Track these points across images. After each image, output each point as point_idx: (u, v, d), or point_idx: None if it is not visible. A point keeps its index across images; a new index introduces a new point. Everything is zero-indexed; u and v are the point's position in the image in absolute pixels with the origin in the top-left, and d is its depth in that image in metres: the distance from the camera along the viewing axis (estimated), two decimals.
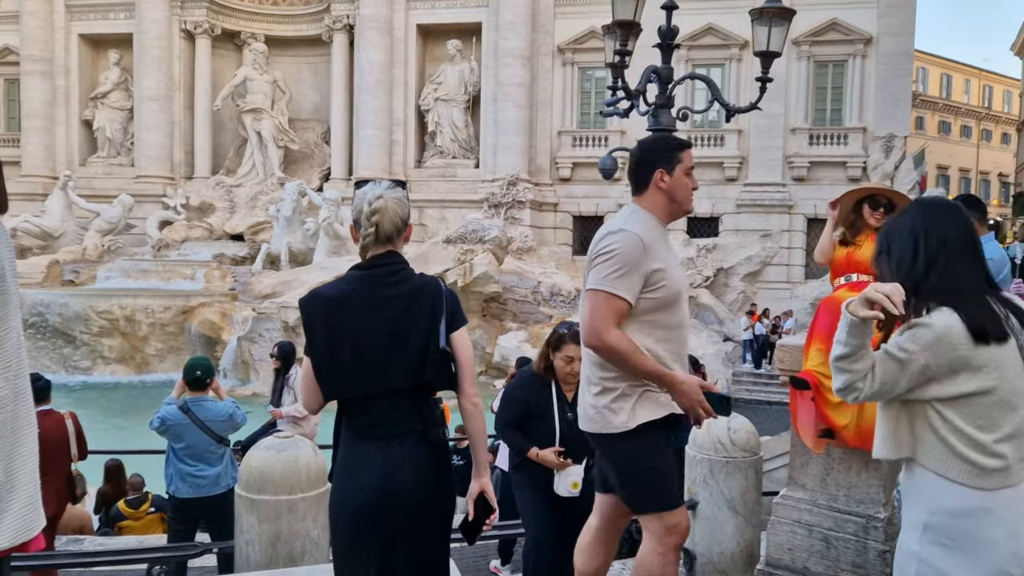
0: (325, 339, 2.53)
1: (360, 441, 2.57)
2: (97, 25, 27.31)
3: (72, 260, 21.98)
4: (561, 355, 4.00)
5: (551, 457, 3.90)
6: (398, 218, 2.59)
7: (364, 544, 2.54)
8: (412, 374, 2.53)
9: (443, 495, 2.63)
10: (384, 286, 2.55)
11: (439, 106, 25.13)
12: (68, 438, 5.44)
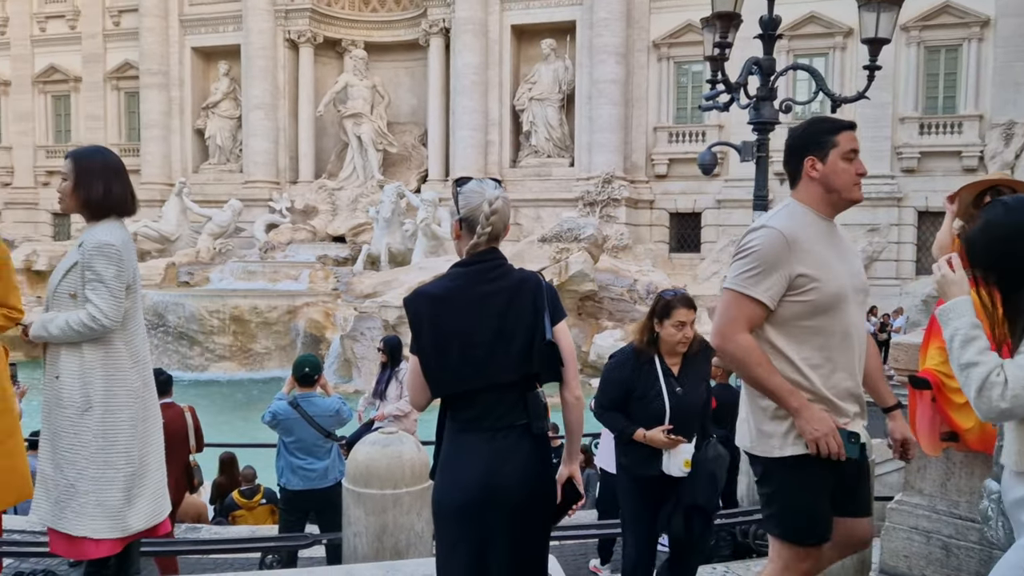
0: (432, 336, 2.58)
1: (464, 435, 2.61)
2: (208, 38, 28.65)
3: (187, 262, 23.11)
4: (672, 321, 3.73)
5: (660, 437, 3.66)
6: (507, 218, 2.67)
7: (468, 537, 2.58)
8: (517, 367, 2.56)
9: (546, 488, 2.66)
10: (486, 282, 2.59)
11: (533, 105, 25.20)
12: (187, 430, 5.74)
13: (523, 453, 2.58)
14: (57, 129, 31.98)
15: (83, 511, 2.99)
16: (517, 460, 2.57)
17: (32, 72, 31.42)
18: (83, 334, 3.00)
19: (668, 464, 3.72)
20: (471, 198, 2.63)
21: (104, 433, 3.05)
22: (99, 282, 3.02)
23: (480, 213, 2.60)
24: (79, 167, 3.11)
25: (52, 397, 3.04)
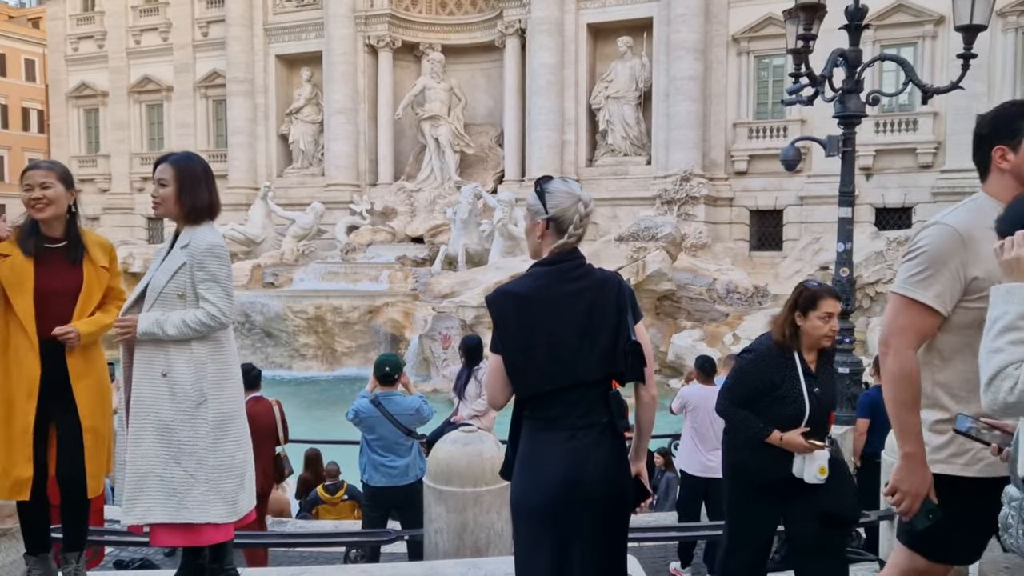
0: (519, 335, 2.59)
1: (545, 434, 2.62)
2: (291, 46, 29.48)
3: (272, 264, 23.81)
4: (818, 313, 3.48)
5: (800, 441, 3.40)
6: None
7: (551, 537, 2.58)
8: (602, 366, 2.58)
9: (627, 487, 2.67)
10: (569, 281, 2.61)
11: (610, 104, 25.05)
12: (275, 423, 5.93)
13: (604, 451, 2.59)
14: (151, 137, 33.41)
15: (205, 499, 3.14)
16: (599, 458, 2.58)
17: (128, 83, 32.91)
18: (200, 332, 3.14)
19: (803, 469, 3.46)
20: (562, 199, 2.64)
21: (218, 424, 3.20)
22: (213, 282, 3.17)
23: (574, 214, 2.62)
24: (183, 173, 3.24)
25: (161, 394, 3.16)
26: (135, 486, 3.16)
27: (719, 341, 16.92)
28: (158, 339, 3.14)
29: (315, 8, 28.67)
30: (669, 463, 8.82)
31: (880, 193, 22.39)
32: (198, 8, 31.51)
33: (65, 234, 3.35)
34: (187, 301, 3.18)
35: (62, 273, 3.30)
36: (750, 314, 18.03)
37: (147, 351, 3.19)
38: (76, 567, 3.41)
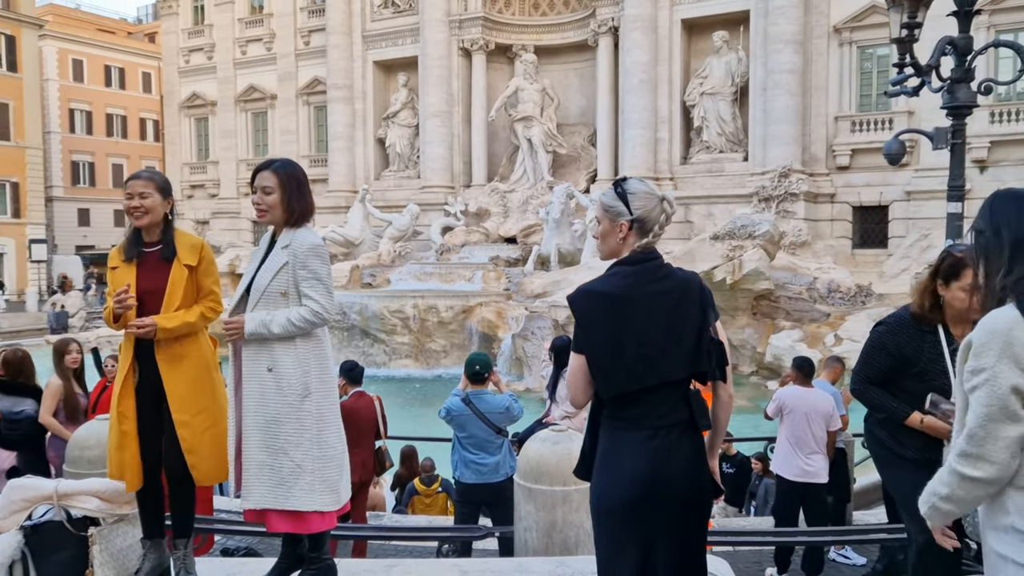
0: (606, 335, 2.61)
1: (625, 433, 2.62)
2: (388, 52, 30.19)
3: (369, 265, 24.46)
4: (960, 284, 3.12)
5: (942, 425, 3.02)
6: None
7: (630, 536, 2.59)
8: (685, 365, 2.61)
9: (707, 485, 2.68)
10: (655, 280, 2.63)
11: (705, 100, 24.59)
12: (377, 417, 6.13)
13: (686, 450, 2.61)
14: (256, 143, 34.84)
15: (311, 488, 3.28)
16: (680, 457, 2.59)
17: (234, 92, 34.43)
18: (304, 328, 3.30)
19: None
20: (645, 200, 2.67)
21: (322, 416, 3.35)
22: (317, 280, 3.32)
23: (660, 214, 2.66)
24: (287, 180, 3.40)
25: (267, 388, 3.32)
26: (250, 475, 3.34)
27: (820, 342, 16.39)
28: (264, 338, 3.30)
29: (411, 14, 29.28)
30: (767, 468, 8.62)
31: (996, 187, 21.10)
32: (300, 18, 32.67)
33: (161, 238, 3.57)
34: (289, 299, 3.33)
35: (155, 272, 3.51)
36: (853, 314, 17.37)
37: (254, 349, 3.35)
38: (184, 552, 3.62)
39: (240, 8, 34.41)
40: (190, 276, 3.53)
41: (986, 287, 2.01)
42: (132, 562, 3.68)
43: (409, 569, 3.80)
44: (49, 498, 3.59)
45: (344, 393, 6.10)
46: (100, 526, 3.60)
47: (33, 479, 3.82)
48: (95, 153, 51.29)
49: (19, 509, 3.61)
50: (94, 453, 4.88)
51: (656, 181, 24.50)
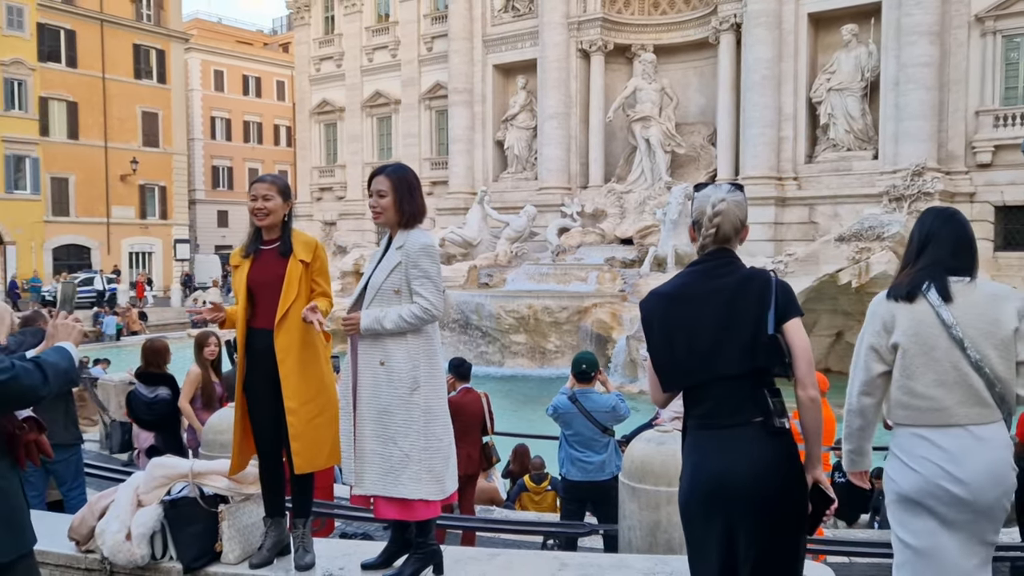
0: (660, 332, 2.71)
1: (699, 432, 2.68)
2: (508, 55, 30.61)
3: (487, 265, 24.87)
4: None
5: None
6: (737, 220, 2.75)
7: (706, 536, 2.61)
8: (742, 360, 2.59)
9: (789, 487, 2.59)
10: (713, 278, 2.68)
11: (832, 96, 23.62)
12: (484, 412, 6.31)
13: (757, 449, 2.56)
14: (380, 147, 36.06)
15: (418, 478, 3.47)
16: (750, 455, 2.56)
17: (361, 98, 35.77)
18: (414, 325, 3.50)
19: None
20: (699, 203, 2.75)
21: (430, 409, 3.53)
22: (426, 278, 3.52)
23: (702, 215, 2.73)
24: (399, 183, 3.61)
25: (379, 381, 3.54)
26: (362, 463, 3.56)
27: None
28: (378, 333, 3.51)
29: (530, 17, 29.58)
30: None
31: None
32: (423, 25, 33.60)
33: (279, 236, 3.84)
34: (401, 296, 3.54)
35: (270, 267, 3.76)
36: None
37: (368, 343, 3.57)
38: (303, 532, 3.87)
39: (367, 17, 35.72)
40: (304, 271, 3.76)
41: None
42: (256, 538, 3.97)
43: (511, 559, 3.92)
44: (185, 476, 3.93)
45: (452, 389, 6.31)
46: (229, 504, 3.91)
47: (172, 459, 4.19)
48: (233, 158, 54.51)
49: (159, 485, 3.97)
50: (226, 437, 5.26)
51: (779, 181, 23.78)
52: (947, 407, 2.74)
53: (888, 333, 2.84)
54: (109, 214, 40.99)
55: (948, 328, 2.77)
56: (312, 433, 3.72)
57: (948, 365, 2.75)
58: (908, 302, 2.83)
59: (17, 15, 36.17)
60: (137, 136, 42.22)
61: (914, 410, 2.79)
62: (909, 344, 2.80)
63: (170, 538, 3.89)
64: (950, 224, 3.04)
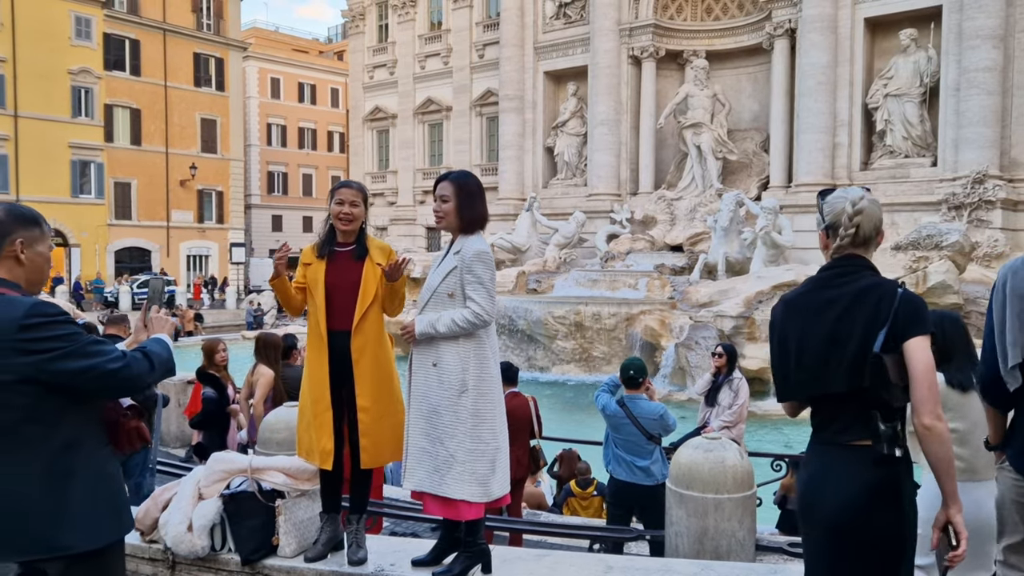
0: (777, 341, 2.66)
1: (813, 444, 2.60)
2: (559, 62, 30.70)
3: (535, 271, 24.94)
4: None
5: None
6: (877, 220, 2.59)
7: (813, 552, 2.57)
8: (847, 378, 2.43)
9: (880, 523, 2.39)
10: (832, 287, 2.55)
11: (889, 102, 23.17)
12: (531, 416, 6.37)
13: (855, 475, 2.40)
14: (431, 154, 36.46)
15: (461, 478, 3.54)
16: (842, 482, 2.41)
17: (413, 105, 36.22)
18: (465, 329, 3.59)
19: None
20: (834, 203, 2.62)
21: (477, 412, 3.60)
22: (479, 284, 3.60)
23: (841, 213, 2.57)
24: (462, 189, 3.71)
25: (431, 382, 3.64)
26: (413, 459, 3.67)
27: None
28: (432, 337, 3.61)
29: (582, 24, 29.63)
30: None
31: None
32: (475, 33, 33.91)
33: (355, 240, 3.95)
34: (455, 300, 3.63)
35: (347, 270, 3.87)
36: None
37: (423, 345, 3.69)
38: (356, 528, 3.98)
39: (420, 25, 36.17)
40: (381, 275, 3.88)
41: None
42: (311, 533, 4.09)
43: (558, 560, 3.97)
44: (244, 471, 4.08)
45: None
46: (285, 499, 4.04)
47: (231, 454, 4.34)
48: (288, 164, 55.58)
49: (219, 479, 4.12)
50: (282, 436, 5.43)
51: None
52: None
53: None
54: (169, 218, 42.17)
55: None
56: (380, 431, 3.84)
57: None
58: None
59: (85, 25, 37.51)
60: (196, 142, 43.37)
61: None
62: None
63: (229, 531, 4.04)
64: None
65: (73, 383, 2.39)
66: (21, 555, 2.42)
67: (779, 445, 12.68)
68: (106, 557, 2.52)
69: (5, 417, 2.36)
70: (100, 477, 2.51)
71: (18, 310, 2.35)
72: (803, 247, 22.05)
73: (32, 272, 2.54)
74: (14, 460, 2.39)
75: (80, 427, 2.47)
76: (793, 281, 18.19)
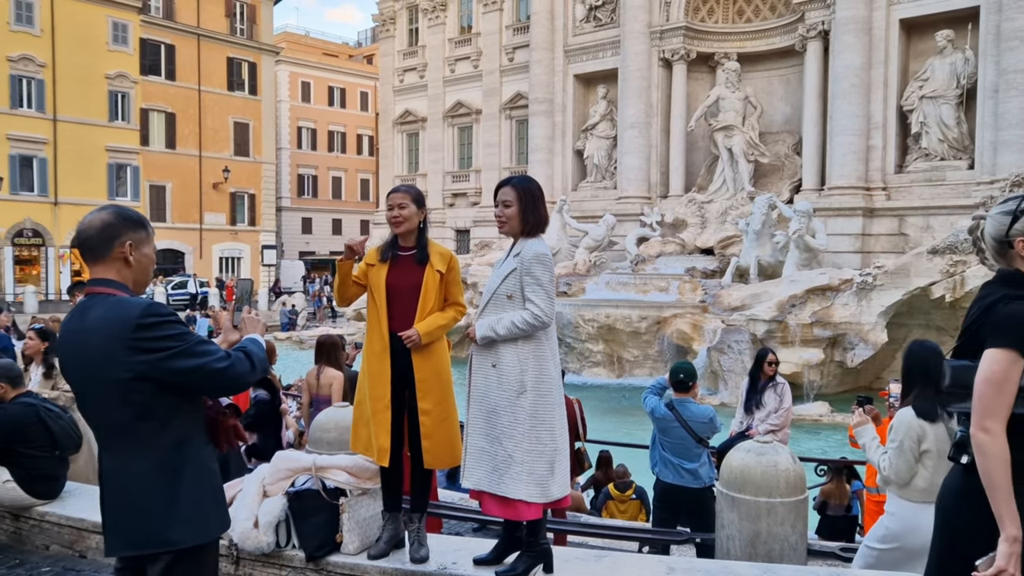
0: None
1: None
2: (589, 65, 30.71)
3: (565, 274, 24.96)
4: None
5: None
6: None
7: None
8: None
9: (967, 535, 2.38)
10: (980, 297, 2.50)
11: (924, 104, 22.92)
12: (576, 418, 6.42)
13: (948, 480, 2.53)
14: (460, 156, 36.60)
15: (519, 478, 3.59)
16: (945, 498, 2.51)
17: (443, 108, 36.40)
18: (525, 331, 3.63)
19: None
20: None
21: (535, 413, 3.64)
22: (538, 286, 3.65)
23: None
24: (524, 194, 3.77)
25: (490, 382, 3.70)
26: (472, 459, 3.73)
27: None
28: (493, 340, 3.67)
29: (612, 27, 29.63)
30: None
31: None
32: (505, 36, 34.01)
33: (415, 243, 4.02)
34: (514, 301, 3.69)
35: (408, 274, 3.94)
36: None
37: (483, 346, 3.75)
38: (418, 527, 4.06)
39: (451, 29, 36.35)
40: (440, 280, 3.96)
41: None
42: (373, 531, 4.18)
43: (617, 561, 4.02)
44: (308, 469, 4.17)
45: None
46: (348, 497, 4.13)
47: (296, 452, 4.45)
48: (318, 167, 56.09)
49: (284, 477, 4.22)
50: (332, 436, 5.50)
51: (867, 191, 23.19)
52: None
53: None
54: (202, 220, 42.75)
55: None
56: (440, 433, 3.91)
57: None
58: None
59: (122, 31, 38.15)
60: (229, 145, 43.93)
61: None
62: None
63: (294, 527, 4.14)
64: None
65: (183, 381, 2.48)
66: (133, 548, 2.52)
67: (816, 449, 12.63)
68: (207, 553, 2.61)
69: (121, 414, 2.46)
70: (205, 474, 2.60)
71: (134, 310, 2.43)
72: (836, 250, 21.89)
73: (139, 273, 2.64)
74: (129, 456, 2.48)
75: (187, 425, 2.56)
76: (827, 285, 18.08)
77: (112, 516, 2.54)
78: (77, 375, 2.54)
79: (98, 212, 2.61)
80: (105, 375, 2.43)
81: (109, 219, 2.58)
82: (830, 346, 17.57)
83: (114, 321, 2.42)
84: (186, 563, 2.51)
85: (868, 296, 17.45)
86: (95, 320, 2.46)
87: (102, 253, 2.55)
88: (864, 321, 17.27)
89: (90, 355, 2.45)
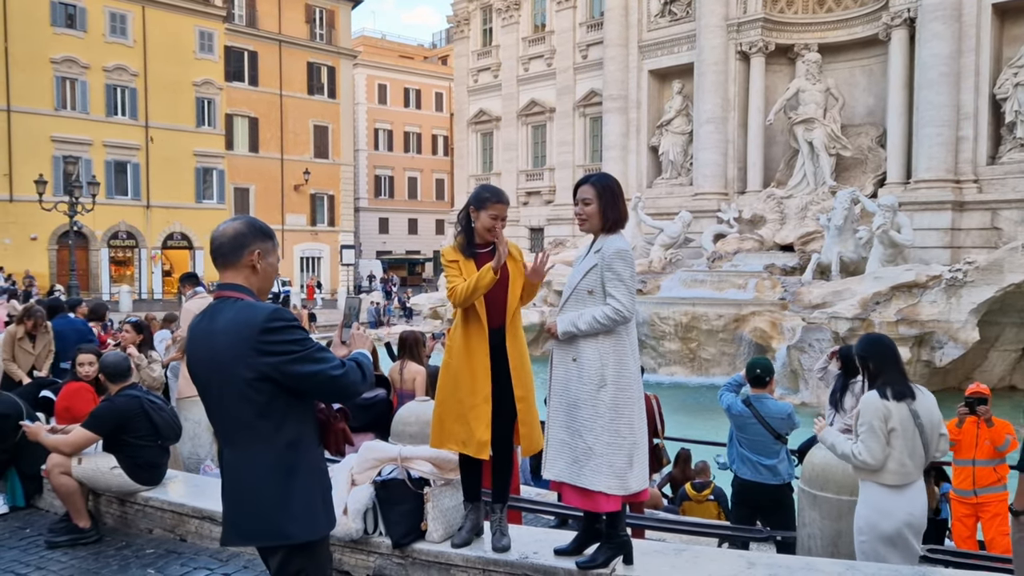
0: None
1: None
2: (663, 60, 30.40)
3: (641, 272, 24.78)
4: None
5: None
6: None
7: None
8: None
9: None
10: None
11: (1019, 92, 21.91)
12: (654, 414, 6.43)
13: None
14: (534, 155, 36.71)
15: (598, 470, 3.66)
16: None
17: (517, 107, 36.57)
18: (606, 325, 3.71)
19: None
20: None
21: (615, 407, 3.71)
22: (619, 281, 3.72)
23: None
24: (604, 192, 3.84)
25: (571, 376, 3.78)
26: (553, 450, 3.81)
27: None
28: (579, 335, 3.74)
29: (687, 21, 29.26)
30: None
31: None
32: (579, 33, 33.96)
33: (488, 241, 4.10)
34: (595, 297, 3.76)
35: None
36: None
37: (563, 341, 3.82)
38: (500, 516, 4.16)
39: (524, 28, 36.50)
40: (523, 273, 4.07)
41: None
42: (456, 520, 4.31)
43: (697, 555, 4.04)
44: (395, 460, 4.33)
45: None
46: (432, 487, 4.27)
47: (381, 443, 4.62)
48: (394, 168, 57.11)
49: (371, 467, 4.39)
50: (413, 429, 5.69)
51: (956, 184, 22.32)
52: None
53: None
54: (283, 221, 44.04)
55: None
56: (533, 419, 4.03)
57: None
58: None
59: (208, 39, 39.64)
60: (309, 148, 45.15)
61: None
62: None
63: (380, 515, 4.30)
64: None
65: (301, 385, 2.62)
66: (252, 540, 2.71)
67: None
68: (319, 548, 2.75)
69: (245, 411, 2.62)
70: (316, 473, 2.74)
71: (260, 314, 2.59)
72: (923, 246, 21.14)
73: (264, 280, 2.79)
74: (250, 452, 2.65)
75: (301, 426, 2.71)
76: (913, 282, 17.48)
77: (230, 507, 2.70)
78: (204, 373, 2.70)
79: (231, 222, 2.79)
80: (231, 374, 2.58)
81: (241, 228, 2.75)
82: (916, 345, 17.00)
83: (242, 324, 2.57)
84: (301, 557, 2.65)
85: (958, 293, 16.80)
86: (224, 322, 2.62)
87: (233, 260, 2.72)
88: (953, 319, 16.65)
89: (218, 355, 2.61)
